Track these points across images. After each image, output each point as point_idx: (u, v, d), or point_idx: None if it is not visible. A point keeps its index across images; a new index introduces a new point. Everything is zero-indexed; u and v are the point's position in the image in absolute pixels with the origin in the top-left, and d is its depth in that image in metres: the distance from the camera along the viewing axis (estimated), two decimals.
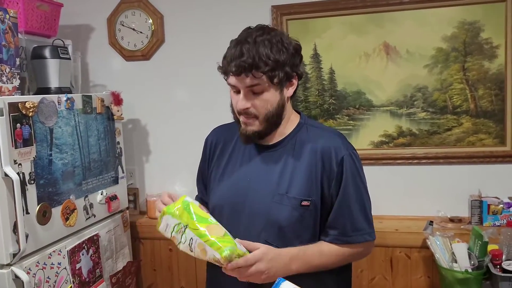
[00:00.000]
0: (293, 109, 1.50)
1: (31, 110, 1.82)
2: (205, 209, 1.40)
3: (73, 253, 2.07)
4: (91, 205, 2.23)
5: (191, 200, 1.36)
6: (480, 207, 2.30)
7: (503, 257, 2.04)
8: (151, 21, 2.70)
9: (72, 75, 2.43)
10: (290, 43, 1.38)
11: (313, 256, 1.38)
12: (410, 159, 2.46)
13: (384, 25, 2.42)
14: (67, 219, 2.04)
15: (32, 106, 1.82)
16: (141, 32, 2.72)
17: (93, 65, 2.83)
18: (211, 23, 2.64)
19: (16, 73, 1.97)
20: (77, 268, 2.08)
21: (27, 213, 1.82)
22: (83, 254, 2.13)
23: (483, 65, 2.34)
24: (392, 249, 2.34)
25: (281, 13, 2.50)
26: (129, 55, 2.76)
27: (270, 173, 1.42)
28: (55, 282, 1.95)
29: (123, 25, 2.74)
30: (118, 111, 2.43)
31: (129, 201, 2.71)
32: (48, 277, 1.92)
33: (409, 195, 2.48)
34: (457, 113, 2.39)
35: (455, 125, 2.40)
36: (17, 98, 1.83)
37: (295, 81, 1.42)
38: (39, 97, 1.90)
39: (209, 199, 1.56)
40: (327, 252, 1.40)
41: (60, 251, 1.99)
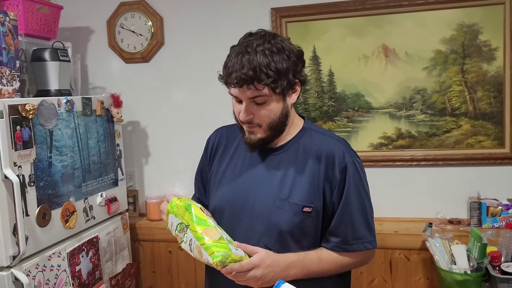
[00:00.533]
0: (296, 113, 1.48)
1: (31, 113, 1.82)
2: (206, 211, 1.39)
3: (73, 255, 2.07)
4: (90, 207, 2.23)
5: (191, 201, 1.36)
6: (479, 209, 2.30)
7: (502, 259, 2.04)
8: (150, 23, 2.70)
9: (72, 78, 2.44)
10: (291, 50, 1.34)
11: (312, 263, 1.36)
12: (409, 161, 2.47)
13: (383, 28, 2.43)
14: (66, 221, 2.04)
15: (32, 108, 1.83)
16: (140, 35, 2.73)
17: (93, 67, 2.83)
18: (210, 26, 2.64)
19: (16, 75, 1.98)
20: (76, 270, 2.08)
21: (27, 215, 1.83)
22: (82, 256, 2.13)
23: (482, 67, 2.34)
24: (392, 251, 2.34)
25: (281, 15, 2.51)
26: (128, 57, 2.77)
27: (271, 177, 1.40)
28: (54, 284, 1.95)
29: (122, 28, 2.75)
30: (118, 113, 2.43)
31: (129, 203, 2.71)
32: (48, 279, 1.92)
33: (408, 197, 2.48)
34: (456, 115, 2.40)
35: (454, 127, 2.41)
36: (17, 100, 1.84)
37: (298, 87, 1.39)
38: (39, 100, 1.90)
39: (208, 200, 1.55)
40: (326, 260, 1.38)
41: (59, 253, 2.00)
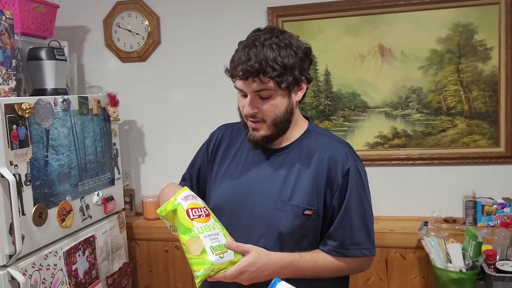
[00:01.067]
0: (301, 114, 1.47)
1: (27, 112, 1.82)
2: (195, 198, 1.35)
3: (69, 255, 2.07)
4: (87, 206, 2.23)
5: (179, 201, 1.32)
6: (474, 207, 2.31)
7: (497, 257, 2.05)
8: (147, 22, 2.70)
9: (68, 77, 2.43)
10: (299, 46, 1.34)
11: (306, 267, 1.34)
12: (405, 160, 2.48)
13: (379, 27, 2.43)
14: (63, 220, 2.04)
15: (28, 107, 1.83)
16: (137, 34, 2.73)
17: (89, 66, 2.83)
18: (207, 25, 2.65)
19: (12, 74, 1.97)
20: (73, 270, 2.08)
21: (23, 214, 1.82)
22: (79, 256, 2.13)
23: (477, 67, 2.36)
24: (387, 249, 2.35)
25: (277, 15, 2.51)
26: (125, 57, 2.76)
27: (273, 177, 1.39)
28: (51, 283, 1.95)
29: (119, 27, 2.75)
30: (114, 112, 2.43)
31: (125, 202, 2.71)
32: (44, 279, 1.92)
33: (404, 196, 2.49)
34: (452, 114, 2.41)
35: (450, 126, 2.42)
36: (13, 99, 1.83)
37: (304, 85, 1.38)
38: (35, 99, 1.90)
39: (207, 197, 1.53)
40: (321, 264, 1.36)
41: (56, 252, 1.99)
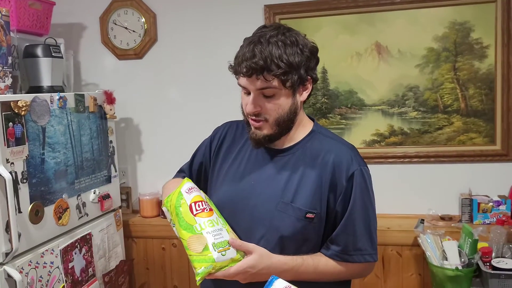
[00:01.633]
0: (306, 115, 1.44)
1: (23, 109, 1.81)
2: (198, 191, 1.35)
3: (66, 252, 2.06)
4: (83, 204, 2.22)
5: (183, 193, 1.32)
6: (470, 205, 2.32)
7: (493, 254, 2.07)
8: (143, 20, 2.69)
9: (65, 74, 2.43)
10: (306, 44, 1.31)
11: (307, 272, 1.32)
12: (401, 157, 2.48)
13: (376, 25, 2.43)
14: (59, 218, 2.04)
15: (24, 105, 1.82)
16: (133, 31, 2.72)
17: (86, 63, 2.82)
18: (204, 22, 2.64)
19: (8, 71, 1.96)
20: (69, 267, 2.08)
21: (20, 212, 1.82)
22: (75, 253, 2.12)
23: (474, 65, 2.36)
24: (384, 247, 2.36)
25: (274, 12, 2.51)
26: (121, 54, 2.76)
27: (276, 178, 1.36)
28: (47, 281, 1.95)
29: (115, 24, 2.74)
30: (111, 110, 2.43)
31: (122, 200, 2.71)
32: (41, 276, 1.91)
33: (401, 194, 2.50)
34: (448, 112, 2.42)
35: (446, 124, 2.43)
36: (9, 96, 1.83)
37: (309, 85, 1.35)
38: (31, 96, 1.89)
39: (209, 196, 1.49)
40: (322, 269, 1.33)
41: (52, 250, 1.99)
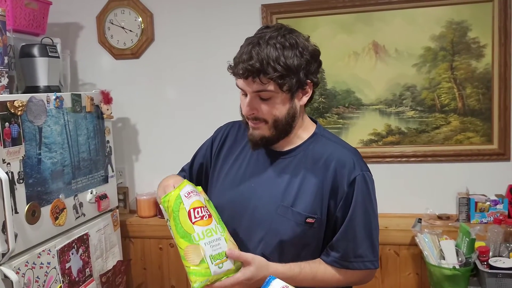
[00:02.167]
0: (309, 117, 1.42)
1: (19, 109, 1.81)
2: (198, 195, 1.32)
3: (63, 253, 2.06)
4: (80, 204, 2.22)
5: (182, 197, 1.29)
6: (467, 204, 2.33)
7: (490, 253, 2.07)
8: (140, 19, 2.69)
9: (61, 74, 2.42)
10: (306, 47, 1.27)
11: (306, 279, 1.30)
12: (399, 157, 2.48)
13: (373, 24, 2.43)
14: (56, 218, 2.03)
15: (20, 105, 1.81)
16: (130, 31, 2.71)
17: (82, 63, 2.81)
18: (201, 22, 2.64)
19: (5, 71, 1.96)
20: (66, 268, 2.07)
21: (16, 212, 1.81)
22: (72, 254, 2.12)
23: (471, 64, 2.36)
24: (381, 246, 2.35)
25: (271, 12, 2.51)
26: (118, 54, 2.75)
27: (276, 182, 1.34)
28: (44, 281, 1.94)
29: (112, 24, 2.73)
30: (108, 109, 2.42)
31: (119, 200, 2.70)
32: (38, 277, 1.91)
33: (398, 193, 2.50)
34: (445, 111, 2.42)
35: (443, 123, 2.43)
36: (5, 96, 1.82)
37: (309, 89, 1.31)
38: (27, 96, 1.89)
39: (209, 197, 1.48)
40: (321, 278, 1.32)
41: (49, 250, 1.98)
